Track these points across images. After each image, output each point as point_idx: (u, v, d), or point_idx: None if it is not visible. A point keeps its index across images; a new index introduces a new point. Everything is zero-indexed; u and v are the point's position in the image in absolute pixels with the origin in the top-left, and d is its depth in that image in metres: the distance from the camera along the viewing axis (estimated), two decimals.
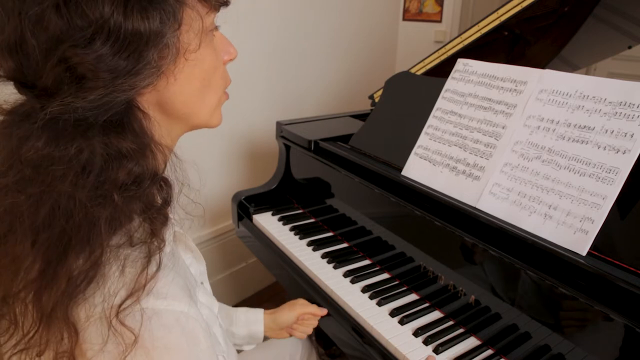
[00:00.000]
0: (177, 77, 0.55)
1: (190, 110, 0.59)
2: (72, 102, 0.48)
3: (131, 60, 0.49)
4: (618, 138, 0.83)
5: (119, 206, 0.50)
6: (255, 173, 2.06)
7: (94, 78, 0.48)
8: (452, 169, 1.05)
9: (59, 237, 0.48)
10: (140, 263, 0.51)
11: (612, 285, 0.75)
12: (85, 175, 0.49)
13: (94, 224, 0.49)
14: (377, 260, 1.22)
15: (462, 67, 1.13)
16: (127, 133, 0.52)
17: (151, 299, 0.50)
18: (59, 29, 0.47)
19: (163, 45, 0.51)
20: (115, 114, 0.51)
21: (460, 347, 0.95)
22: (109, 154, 0.50)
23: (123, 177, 0.51)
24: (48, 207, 0.48)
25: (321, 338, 1.80)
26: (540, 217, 0.88)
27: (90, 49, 0.47)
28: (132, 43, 0.49)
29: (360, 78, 2.48)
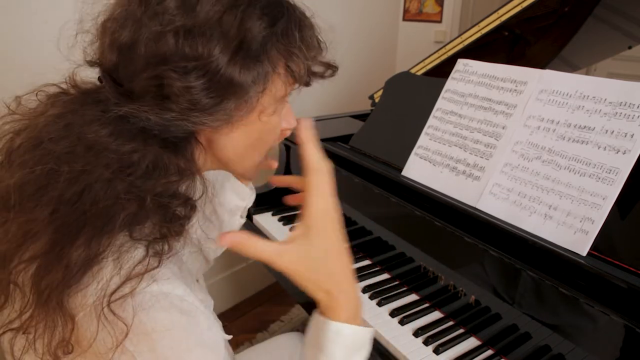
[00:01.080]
0: (239, 128, 0.59)
1: (235, 159, 0.63)
2: (147, 111, 0.52)
3: (212, 101, 0.53)
4: (618, 138, 0.83)
5: (145, 208, 0.52)
6: None
7: (175, 102, 0.52)
8: (452, 169, 1.05)
9: (77, 218, 0.50)
10: (139, 253, 0.52)
11: (612, 286, 0.75)
12: (128, 173, 0.52)
13: (114, 215, 0.51)
14: (377, 261, 1.22)
15: (462, 67, 1.13)
16: (180, 155, 0.56)
17: (147, 282, 0.51)
18: (168, 51, 0.52)
19: (244, 100, 0.56)
20: (175, 136, 0.55)
21: (460, 348, 0.94)
22: (157, 164, 0.54)
23: (160, 187, 0.54)
24: (81, 186, 0.50)
25: None
26: (540, 217, 0.88)
27: (185, 78, 0.52)
28: (221, 88, 0.53)
29: (360, 78, 2.48)
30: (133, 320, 0.49)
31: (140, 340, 0.50)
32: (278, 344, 1.16)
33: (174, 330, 0.52)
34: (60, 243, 0.50)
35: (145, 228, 0.54)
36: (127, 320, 0.49)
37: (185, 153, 0.57)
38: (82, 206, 0.50)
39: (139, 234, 0.53)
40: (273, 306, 2.15)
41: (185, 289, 0.55)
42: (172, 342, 0.51)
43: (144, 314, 0.50)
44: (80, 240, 0.50)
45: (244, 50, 0.53)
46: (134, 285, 0.50)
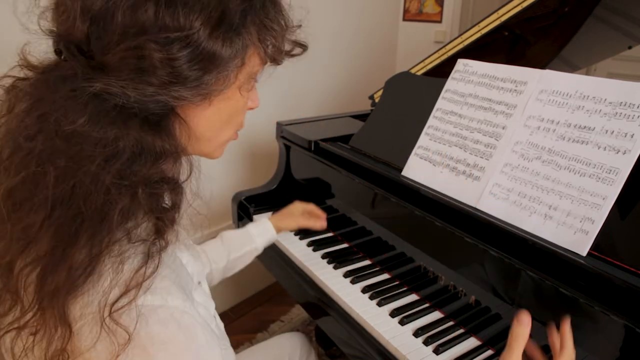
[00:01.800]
0: (212, 103, 0.58)
1: (208, 135, 0.62)
2: (124, 87, 0.50)
3: (195, 74, 0.52)
4: (618, 138, 0.83)
5: (137, 200, 0.51)
6: (256, 173, 2.07)
7: (155, 75, 0.50)
8: (453, 169, 1.05)
9: (74, 216, 0.49)
10: (137, 261, 0.51)
11: (612, 286, 0.75)
12: (114, 162, 0.50)
13: (109, 211, 0.49)
14: (377, 261, 1.22)
15: (462, 67, 1.13)
16: (163, 135, 0.54)
17: (146, 296, 0.50)
18: (148, 20, 0.49)
19: (223, 75, 0.55)
20: (154, 114, 0.53)
21: (460, 348, 0.95)
22: (143, 149, 0.51)
23: (155, 175, 0.52)
24: (70, 183, 0.49)
25: (321, 338, 1.80)
26: (540, 217, 0.88)
27: (166, 49, 0.50)
28: (203, 61, 0.52)
29: (360, 78, 2.48)
30: (132, 332, 0.48)
31: (136, 354, 0.48)
32: (278, 344, 1.16)
33: (170, 345, 0.50)
34: (62, 244, 0.49)
35: (140, 224, 0.53)
36: (127, 331, 0.48)
37: (168, 131, 0.55)
38: (75, 204, 0.49)
39: (136, 235, 0.52)
40: (273, 306, 2.15)
41: (185, 300, 0.54)
42: (167, 357, 0.50)
43: (142, 326, 0.49)
44: (82, 240, 0.49)
45: (226, 23, 0.52)
46: (133, 296, 0.49)
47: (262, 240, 1.14)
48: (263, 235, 1.14)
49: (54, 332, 0.49)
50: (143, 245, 0.52)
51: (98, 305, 0.49)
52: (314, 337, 1.84)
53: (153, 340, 0.49)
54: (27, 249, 0.50)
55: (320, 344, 1.80)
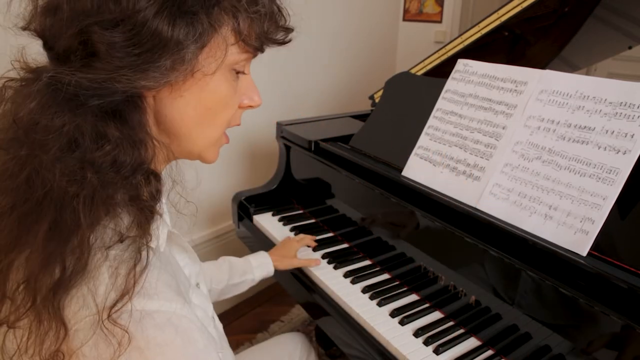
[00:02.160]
0: (183, 94, 0.56)
1: (186, 132, 0.59)
2: (72, 74, 0.49)
3: (142, 58, 0.50)
4: (618, 138, 0.83)
5: (95, 188, 0.49)
6: (256, 173, 2.07)
7: (102, 60, 0.49)
8: (453, 169, 1.05)
9: (34, 206, 0.48)
10: (131, 261, 0.51)
11: (612, 286, 0.75)
12: (69, 152, 0.49)
13: (69, 202, 0.48)
14: (377, 261, 1.22)
15: (463, 67, 1.13)
16: (118, 122, 0.52)
17: (142, 300, 0.50)
18: (90, 4, 0.48)
19: (179, 57, 0.52)
20: (111, 102, 0.52)
21: (460, 348, 0.95)
22: (94, 136, 0.50)
23: (101, 160, 0.50)
24: (27, 173, 0.49)
25: (321, 339, 1.80)
26: (540, 217, 0.88)
27: (110, 32, 0.48)
28: (149, 42, 0.50)
29: (360, 78, 2.48)
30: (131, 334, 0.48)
31: (133, 356, 0.48)
32: (278, 344, 1.16)
33: (167, 349, 0.50)
34: (26, 233, 0.49)
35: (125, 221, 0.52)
36: (124, 334, 0.48)
37: (126, 119, 0.53)
38: (35, 193, 0.48)
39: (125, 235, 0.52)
40: (273, 306, 2.15)
41: (183, 304, 0.53)
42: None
43: (138, 330, 0.48)
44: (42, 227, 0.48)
45: (177, 4, 0.50)
46: (129, 298, 0.49)
47: (260, 273, 1.17)
48: (262, 268, 1.18)
49: (48, 331, 0.48)
50: (134, 245, 0.52)
51: (95, 307, 0.48)
52: (314, 337, 1.84)
53: (150, 344, 0.49)
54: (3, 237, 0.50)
55: (320, 344, 1.80)
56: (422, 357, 0.92)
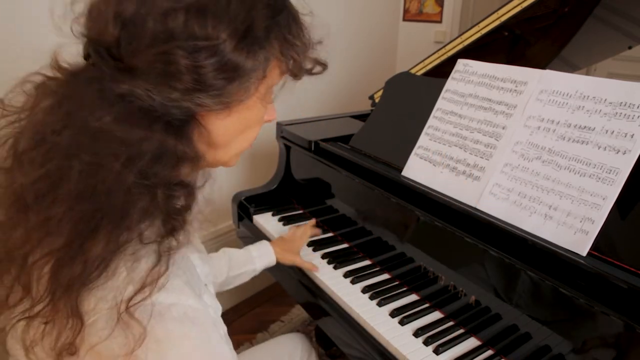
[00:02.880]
0: (231, 114, 0.59)
1: (224, 145, 0.63)
2: (150, 90, 0.51)
3: (219, 83, 0.54)
4: (618, 138, 0.83)
5: (157, 201, 0.52)
6: (256, 173, 2.06)
7: (180, 81, 0.52)
8: (453, 169, 1.05)
9: (94, 211, 0.50)
10: (151, 259, 0.52)
11: (612, 286, 0.75)
12: (137, 162, 0.51)
13: (129, 209, 0.50)
14: (377, 261, 1.22)
15: (462, 67, 1.13)
16: (184, 140, 0.55)
17: (160, 294, 0.51)
18: (177, 28, 0.51)
19: (245, 86, 0.56)
20: (177, 119, 0.55)
21: (460, 348, 0.95)
22: (165, 151, 0.53)
23: (173, 177, 0.54)
24: (93, 180, 0.50)
25: (322, 339, 1.80)
26: (540, 217, 0.88)
27: (193, 57, 0.51)
28: (227, 71, 0.54)
29: (360, 78, 2.48)
30: (147, 327, 0.49)
31: (151, 347, 0.50)
32: (278, 345, 1.16)
33: (184, 341, 0.52)
34: (80, 238, 0.50)
35: (152, 226, 0.54)
36: (142, 326, 0.49)
37: (188, 137, 0.57)
38: (97, 200, 0.50)
39: (148, 235, 0.53)
40: (273, 306, 2.15)
41: (198, 299, 0.55)
42: (181, 353, 0.52)
43: (156, 323, 0.50)
44: (100, 235, 0.49)
45: (251, 37, 0.54)
46: (148, 293, 0.50)
47: (261, 263, 1.16)
48: (263, 258, 1.16)
49: (65, 324, 0.50)
50: (156, 245, 0.53)
51: (114, 300, 0.50)
52: (314, 337, 1.84)
53: (168, 336, 0.51)
54: (45, 241, 0.51)
55: (320, 344, 1.80)
56: (422, 357, 0.92)
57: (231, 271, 1.11)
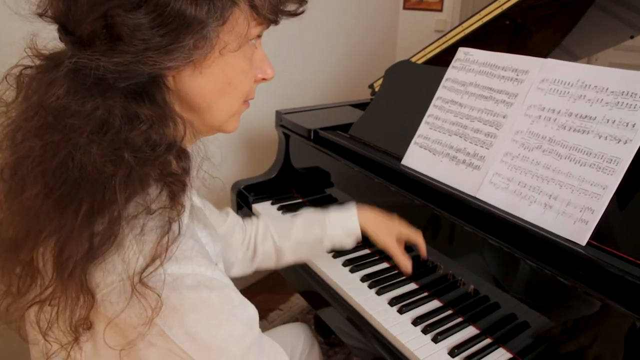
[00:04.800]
0: (203, 71, 0.56)
1: (207, 107, 0.60)
2: (98, 58, 0.49)
3: (166, 38, 0.50)
4: (619, 128, 0.82)
5: (132, 167, 0.51)
6: (255, 162, 2.06)
7: (127, 43, 0.50)
8: (452, 158, 1.05)
9: (71, 189, 0.50)
10: (160, 230, 0.52)
11: (611, 275, 0.75)
12: (102, 134, 0.50)
13: (107, 182, 0.50)
14: (375, 249, 1.22)
15: (463, 56, 1.12)
16: (147, 102, 0.54)
17: (172, 264, 0.52)
18: None
19: (201, 36, 0.52)
20: (137, 83, 0.53)
21: (459, 336, 0.95)
22: (126, 116, 0.52)
23: (137, 140, 0.52)
24: (62, 156, 0.49)
25: (320, 327, 1.81)
26: (540, 206, 0.88)
27: (134, 14, 0.49)
28: (174, 23, 0.50)
29: (360, 67, 2.46)
30: (165, 296, 0.50)
31: (169, 314, 0.51)
32: (280, 335, 1.15)
33: (203, 306, 0.53)
34: (71, 217, 0.50)
35: (154, 194, 0.54)
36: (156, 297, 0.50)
37: (154, 98, 0.54)
38: (71, 176, 0.49)
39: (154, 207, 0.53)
40: (272, 295, 2.16)
41: (213, 268, 0.56)
42: (201, 317, 0.53)
43: (170, 292, 0.51)
44: (83, 209, 0.49)
45: None
46: (159, 264, 0.50)
47: (338, 230, 0.97)
48: (340, 224, 0.98)
49: (77, 301, 0.50)
50: (162, 215, 0.53)
51: (125, 272, 0.50)
52: (312, 325, 1.85)
53: (184, 302, 0.52)
54: (36, 225, 0.51)
55: (319, 332, 1.81)
56: (420, 345, 0.92)
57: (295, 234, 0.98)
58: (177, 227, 0.53)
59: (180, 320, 0.51)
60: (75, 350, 0.55)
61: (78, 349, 0.55)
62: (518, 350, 0.90)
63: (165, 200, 0.54)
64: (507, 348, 0.92)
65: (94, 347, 0.55)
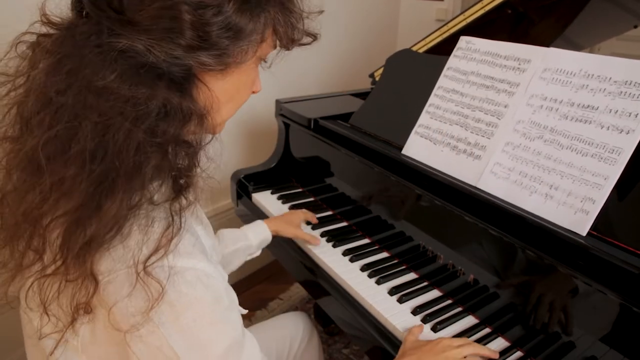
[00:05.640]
0: (225, 77, 0.60)
1: (216, 108, 0.62)
2: (152, 45, 0.51)
3: (220, 42, 0.54)
4: (622, 118, 0.82)
5: (167, 158, 0.53)
6: (255, 151, 2.05)
7: (184, 37, 0.52)
8: (453, 148, 1.04)
9: (107, 171, 0.50)
10: (165, 222, 0.53)
11: (611, 266, 0.75)
12: (144, 120, 0.51)
13: (141, 168, 0.51)
14: (376, 239, 1.22)
15: (465, 44, 1.12)
16: (188, 97, 0.56)
17: (174, 258, 0.53)
18: None
19: (244, 48, 0.58)
20: (177, 76, 0.55)
21: (458, 326, 0.95)
22: (171, 109, 0.53)
23: (181, 134, 0.54)
24: (105, 139, 0.50)
25: (320, 316, 1.81)
26: (541, 197, 0.87)
27: (199, 14, 0.52)
28: (230, 31, 0.55)
29: (360, 56, 2.45)
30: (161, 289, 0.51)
31: (164, 310, 0.51)
32: (280, 325, 1.15)
33: (197, 304, 0.54)
34: (95, 198, 0.50)
35: (162, 188, 0.54)
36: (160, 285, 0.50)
37: (192, 93, 0.57)
38: (109, 160, 0.50)
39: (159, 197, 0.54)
40: (272, 284, 2.16)
41: (211, 264, 0.57)
42: (195, 315, 0.54)
43: (170, 286, 0.51)
44: (115, 194, 0.50)
45: (252, 1, 0.56)
46: (162, 254, 0.51)
47: (255, 238, 1.13)
48: (257, 234, 1.14)
49: (80, 284, 0.51)
50: (167, 207, 0.54)
51: (131, 260, 0.51)
52: (312, 314, 1.85)
53: (181, 299, 0.53)
54: (60, 202, 0.51)
55: (319, 321, 1.81)
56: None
57: (226, 248, 1.10)
58: (180, 221, 0.54)
59: (174, 316, 0.52)
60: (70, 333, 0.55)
61: (73, 333, 0.55)
62: (516, 339, 0.90)
63: (171, 193, 0.55)
64: (505, 337, 0.92)
65: (92, 333, 0.55)
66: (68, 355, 0.58)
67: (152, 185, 0.54)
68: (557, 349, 0.84)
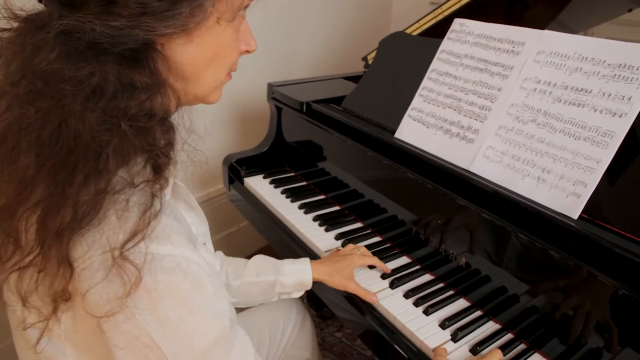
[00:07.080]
0: (193, 40, 0.56)
1: (194, 76, 0.59)
2: (91, 22, 0.48)
3: (164, 4, 0.50)
4: (615, 101, 0.81)
5: (126, 136, 0.50)
6: (246, 136, 2.04)
7: (123, 6, 0.49)
8: (446, 131, 1.04)
9: (66, 157, 0.49)
10: (143, 206, 0.51)
11: (602, 249, 0.76)
12: (96, 100, 0.49)
13: (101, 150, 0.49)
14: (368, 223, 1.22)
15: (459, 27, 1.10)
16: (142, 68, 0.53)
17: (152, 243, 0.51)
18: None
19: (197, 4, 0.52)
20: (130, 49, 0.51)
21: (450, 309, 0.95)
22: (122, 83, 0.50)
23: (134, 108, 0.51)
24: (56, 123, 0.48)
25: (312, 300, 1.82)
26: (533, 180, 0.87)
27: None
28: None
29: (353, 39, 2.42)
30: (140, 275, 0.49)
31: (141, 296, 0.50)
32: (273, 308, 1.15)
33: (175, 292, 0.52)
34: (60, 185, 0.49)
35: (137, 166, 0.53)
36: (137, 270, 0.49)
37: (148, 65, 0.53)
38: (66, 145, 0.48)
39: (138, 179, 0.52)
40: None
41: (193, 250, 0.54)
42: (174, 303, 0.52)
43: (147, 273, 0.50)
44: (79, 180, 0.48)
45: None
46: (139, 239, 0.49)
47: (291, 278, 0.98)
48: (295, 273, 0.99)
49: (57, 272, 0.50)
50: (145, 190, 0.52)
51: (107, 245, 0.49)
52: (305, 299, 1.86)
53: (158, 286, 0.51)
54: (26, 192, 0.50)
55: (311, 305, 1.82)
56: (411, 318, 0.93)
57: (247, 275, 0.98)
58: (159, 203, 0.52)
59: (152, 304, 0.50)
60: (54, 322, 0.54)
61: (56, 321, 0.54)
62: (507, 321, 0.91)
63: (149, 173, 0.53)
64: (497, 320, 0.93)
65: (73, 321, 0.54)
66: (54, 345, 0.57)
67: (134, 168, 0.52)
68: (548, 330, 0.85)
